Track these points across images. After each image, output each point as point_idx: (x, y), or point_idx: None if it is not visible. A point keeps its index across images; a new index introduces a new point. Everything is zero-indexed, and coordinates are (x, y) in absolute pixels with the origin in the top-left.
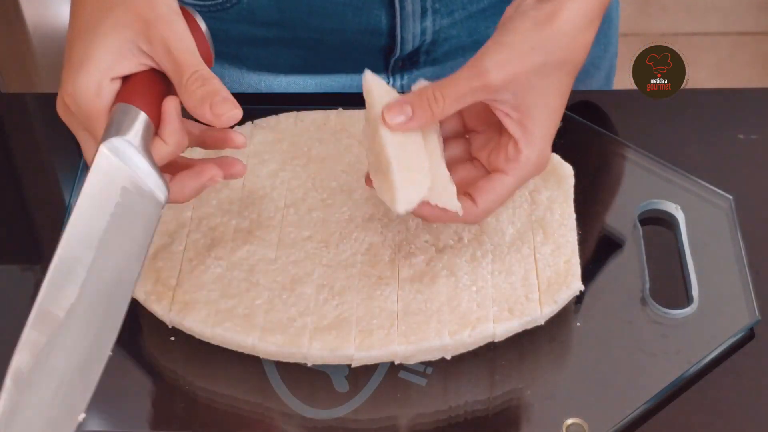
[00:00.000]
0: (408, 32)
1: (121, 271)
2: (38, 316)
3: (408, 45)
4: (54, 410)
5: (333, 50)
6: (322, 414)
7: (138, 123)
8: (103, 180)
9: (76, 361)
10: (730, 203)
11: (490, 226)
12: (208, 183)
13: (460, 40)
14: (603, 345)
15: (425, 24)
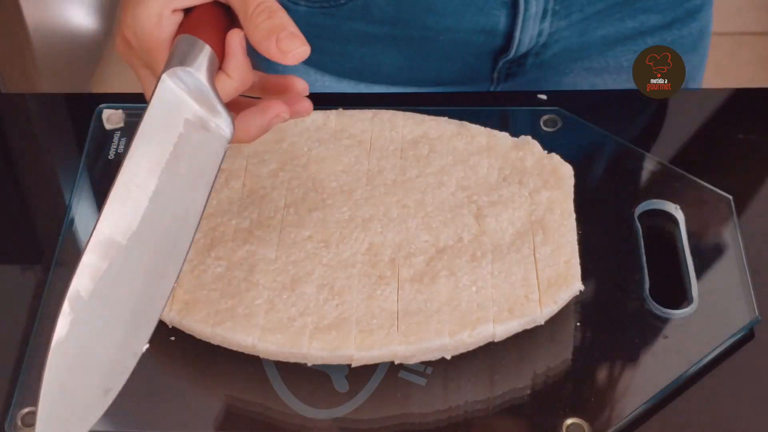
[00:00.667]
0: (526, 34)
1: (186, 204)
2: (98, 241)
3: (523, 47)
4: (114, 340)
5: (442, 50)
6: (322, 414)
7: (202, 55)
8: (165, 110)
9: (138, 291)
10: (730, 203)
11: (490, 226)
12: (275, 120)
13: (570, 41)
14: (603, 345)
15: (543, 26)
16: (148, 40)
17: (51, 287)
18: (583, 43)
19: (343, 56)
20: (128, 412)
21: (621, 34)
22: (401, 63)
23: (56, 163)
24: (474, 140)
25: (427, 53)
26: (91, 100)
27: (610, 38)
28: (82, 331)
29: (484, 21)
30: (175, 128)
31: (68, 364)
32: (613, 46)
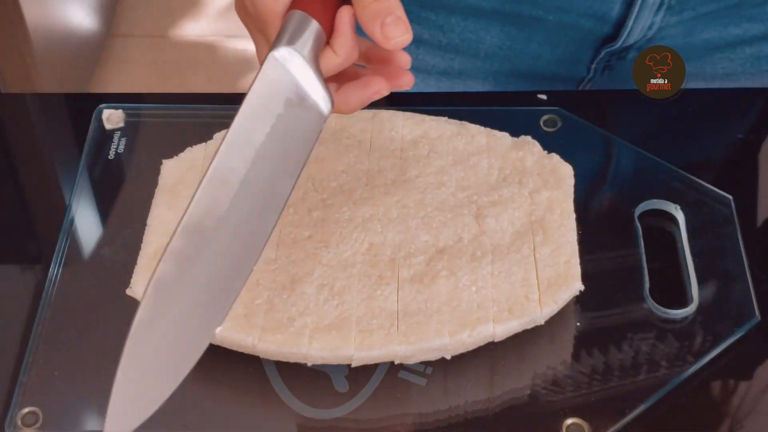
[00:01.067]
0: (639, 24)
1: (274, 185)
2: (187, 225)
3: (632, 37)
4: (192, 321)
5: (546, 32)
6: (322, 414)
7: (309, 32)
8: (268, 89)
9: (219, 273)
10: (730, 203)
11: (490, 226)
12: (374, 96)
13: (674, 40)
14: (603, 345)
15: (656, 18)
16: (264, 12)
17: (51, 287)
18: (686, 44)
19: (442, 29)
20: None
21: (723, 40)
22: (501, 42)
23: (56, 163)
24: (474, 140)
25: (530, 34)
26: (91, 100)
27: (711, 43)
28: (162, 315)
29: (599, 5)
30: (275, 109)
31: (146, 347)
32: (712, 51)
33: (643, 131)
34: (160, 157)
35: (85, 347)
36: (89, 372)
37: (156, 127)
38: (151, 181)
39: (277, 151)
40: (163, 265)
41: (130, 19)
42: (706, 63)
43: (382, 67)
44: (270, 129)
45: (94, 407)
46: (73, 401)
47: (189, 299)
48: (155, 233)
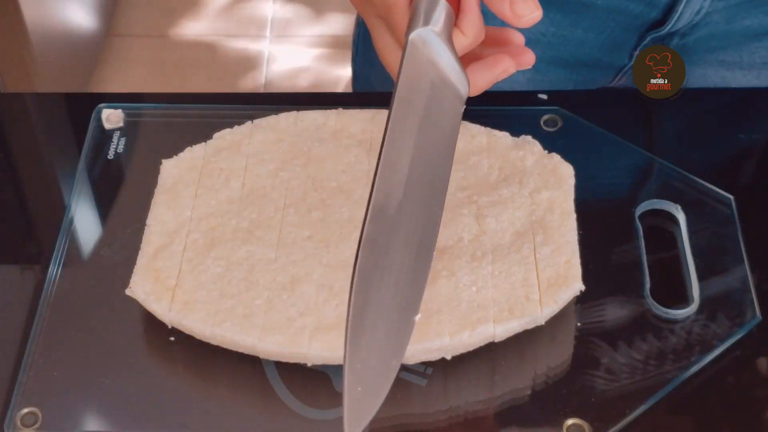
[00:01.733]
0: (689, 8)
1: (435, 168)
2: (374, 212)
3: (681, 22)
4: (394, 310)
5: (593, 16)
6: (322, 414)
7: (439, 10)
8: (414, 74)
9: (408, 259)
10: (731, 203)
11: (490, 226)
12: (502, 75)
13: (717, 27)
14: (603, 345)
15: (705, 2)
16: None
17: (50, 287)
18: (727, 31)
19: (485, 16)
20: (128, 412)
21: (763, 27)
22: (545, 29)
23: (55, 162)
24: (474, 140)
25: (576, 19)
26: (90, 100)
27: (752, 30)
28: (370, 301)
29: None
30: (424, 91)
31: (364, 337)
32: (751, 39)
33: (643, 131)
34: (160, 157)
35: (85, 347)
36: (89, 372)
37: (155, 126)
38: (150, 181)
39: (431, 135)
40: (362, 252)
41: (129, 19)
42: (744, 52)
43: (496, 48)
44: (422, 113)
45: (94, 407)
46: (72, 401)
47: (387, 287)
48: (155, 233)
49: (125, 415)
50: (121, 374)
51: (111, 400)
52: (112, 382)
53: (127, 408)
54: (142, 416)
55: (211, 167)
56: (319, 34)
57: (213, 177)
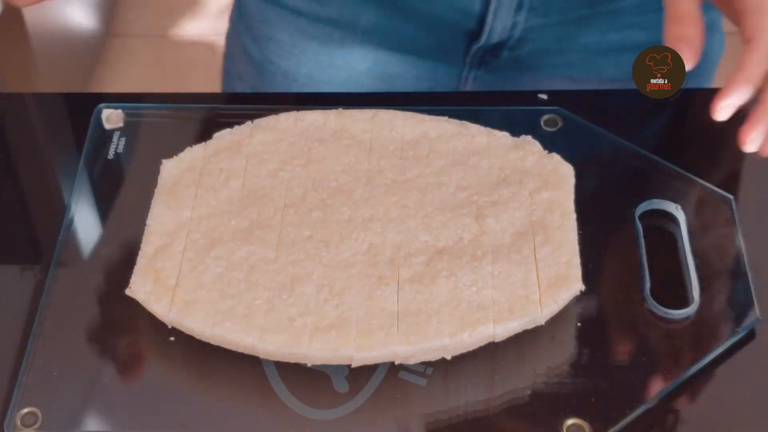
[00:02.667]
0: (498, 22)
1: None
2: None
3: (495, 35)
4: None
5: (420, 18)
6: (322, 414)
7: None
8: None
9: None
10: (731, 203)
11: (490, 227)
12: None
13: (547, 43)
14: (603, 345)
15: (518, 18)
16: None
17: (51, 287)
18: (563, 48)
19: (320, 2)
20: (128, 412)
21: (604, 45)
22: (379, 20)
23: (55, 163)
24: (474, 140)
25: (406, 17)
26: (90, 100)
27: (591, 48)
28: None
29: (456, 2)
30: None
31: None
32: (595, 57)
33: (643, 131)
34: (160, 157)
35: (84, 347)
36: (89, 372)
37: (156, 126)
38: (150, 181)
39: None
40: None
41: (129, 19)
42: (592, 69)
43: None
44: None
45: (94, 407)
46: (72, 401)
47: None
48: (155, 233)
49: (125, 415)
50: (122, 374)
51: (111, 400)
52: (112, 382)
53: (127, 408)
54: (142, 416)
55: (211, 167)
56: None
57: (213, 177)
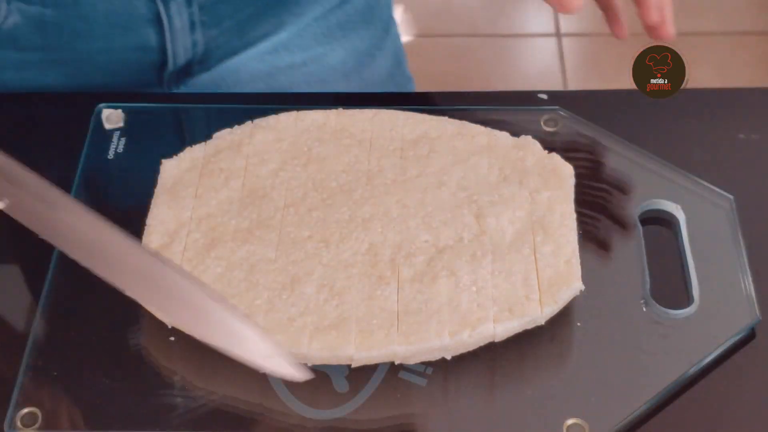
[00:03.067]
0: (179, 47)
1: None
2: None
3: (180, 59)
4: None
5: (103, 68)
6: (322, 414)
7: None
8: None
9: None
10: (731, 203)
11: (491, 226)
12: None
13: (232, 44)
14: (603, 345)
15: (195, 37)
16: None
17: (51, 287)
18: (245, 44)
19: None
20: (128, 412)
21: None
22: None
23: (56, 162)
24: (474, 140)
25: (88, 71)
26: (90, 100)
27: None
28: None
29: (135, 39)
30: None
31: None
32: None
33: (643, 131)
34: (160, 156)
35: (85, 347)
36: (89, 372)
37: (156, 126)
38: (150, 181)
39: None
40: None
41: None
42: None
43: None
44: None
45: (94, 407)
46: (72, 401)
47: None
48: (155, 233)
49: (125, 415)
50: (121, 374)
51: (111, 400)
52: (112, 382)
53: (127, 408)
54: (142, 416)
55: (211, 167)
56: None
57: (213, 177)
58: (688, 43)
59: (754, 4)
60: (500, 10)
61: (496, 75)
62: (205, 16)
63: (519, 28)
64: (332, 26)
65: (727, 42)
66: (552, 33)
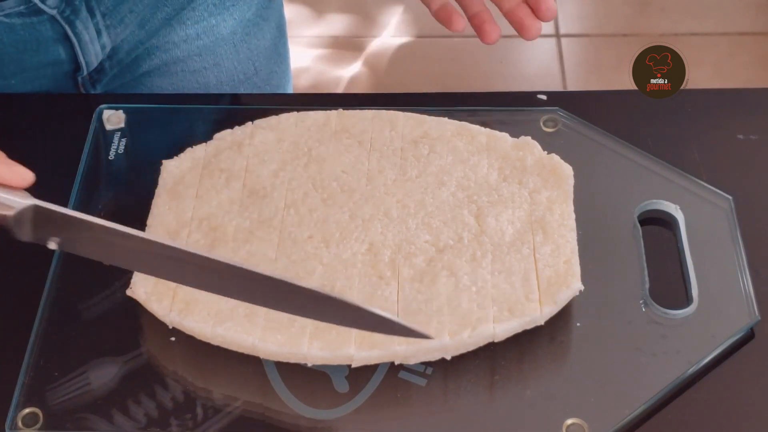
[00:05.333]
0: (90, 55)
1: None
2: None
3: (92, 64)
4: None
5: (19, 86)
6: (322, 414)
7: None
8: None
9: None
10: (730, 203)
11: (490, 226)
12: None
13: (135, 35)
14: (603, 345)
15: (103, 41)
16: None
17: (51, 288)
18: (148, 32)
19: None
20: (128, 412)
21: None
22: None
23: (56, 163)
24: (474, 140)
25: (5, 87)
26: (91, 101)
27: (171, 16)
28: None
29: (45, 57)
30: None
31: None
32: (175, 26)
33: (643, 132)
34: (160, 157)
35: (85, 347)
36: (89, 372)
37: (156, 127)
38: (151, 182)
39: None
40: None
41: None
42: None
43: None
44: None
45: (94, 407)
46: (72, 401)
47: None
48: (155, 233)
49: (125, 415)
50: (122, 374)
51: (111, 400)
52: (113, 382)
53: (127, 408)
54: (142, 416)
55: (212, 168)
56: (319, 34)
57: (214, 177)
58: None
59: (754, 4)
60: (500, 11)
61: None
62: (108, 21)
63: None
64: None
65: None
66: (551, 34)
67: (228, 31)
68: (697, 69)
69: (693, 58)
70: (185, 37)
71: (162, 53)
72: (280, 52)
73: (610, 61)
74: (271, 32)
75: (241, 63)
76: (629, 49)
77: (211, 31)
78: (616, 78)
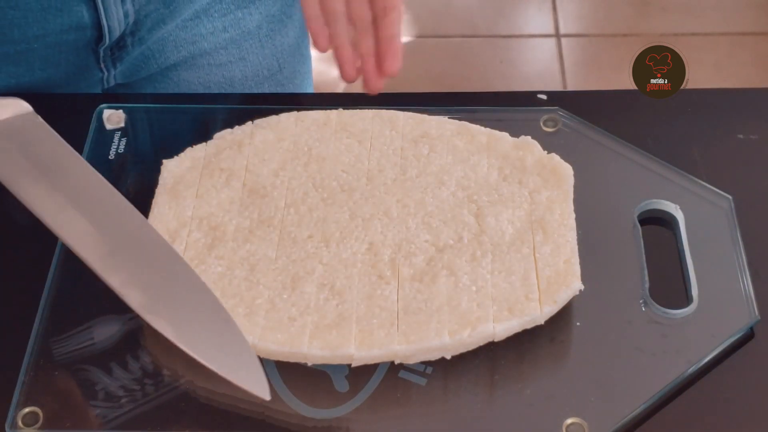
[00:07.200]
0: (113, 20)
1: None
2: None
3: (115, 32)
4: None
5: (42, 57)
6: (322, 414)
7: None
8: None
9: None
10: (730, 203)
11: (490, 226)
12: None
13: (159, 13)
14: (603, 345)
15: (126, 7)
16: None
17: (51, 288)
18: (172, 11)
19: None
20: (128, 412)
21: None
22: (7, 82)
23: None
24: (474, 140)
25: (29, 64)
26: (91, 100)
27: (197, 5)
28: None
29: (68, 19)
30: None
31: None
32: (203, 18)
33: (643, 131)
34: (160, 157)
35: (85, 347)
36: (89, 372)
37: (156, 127)
38: (151, 182)
39: None
40: None
41: None
42: (207, 26)
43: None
44: None
45: (94, 407)
46: (72, 401)
47: None
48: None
49: (125, 415)
50: (122, 374)
51: (111, 401)
52: (113, 382)
53: (127, 408)
54: (142, 416)
55: (212, 167)
56: None
57: (214, 177)
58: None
59: (754, 4)
60: (500, 11)
61: (496, 75)
62: None
63: (518, 28)
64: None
65: (727, 42)
66: (551, 34)
67: (254, 25)
68: (697, 69)
69: (693, 58)
70: (212, 29)
71: (189, 45)
72: (303, 52)
73: (610, 61)
74: (294, 30)
75: (266, 58)
76: (629, 49)
77: (237, 24)
78: (616, 78)
